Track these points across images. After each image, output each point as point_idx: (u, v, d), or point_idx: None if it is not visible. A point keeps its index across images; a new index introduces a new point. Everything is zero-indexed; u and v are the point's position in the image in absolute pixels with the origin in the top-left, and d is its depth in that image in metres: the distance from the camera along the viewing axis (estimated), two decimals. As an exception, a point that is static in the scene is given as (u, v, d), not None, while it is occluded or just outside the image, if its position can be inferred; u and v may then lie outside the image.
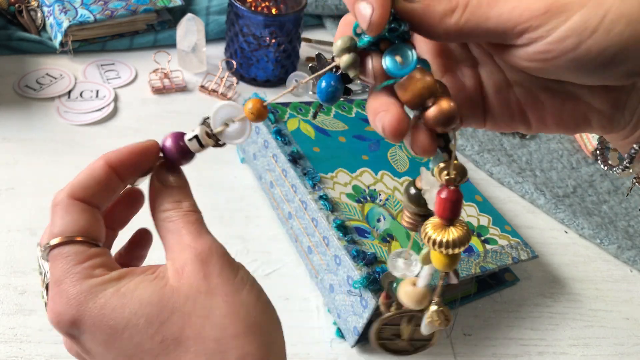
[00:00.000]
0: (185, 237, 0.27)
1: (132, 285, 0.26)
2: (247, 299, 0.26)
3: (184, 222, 0.28)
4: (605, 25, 0.22)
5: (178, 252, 0.27)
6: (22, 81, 0.72)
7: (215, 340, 0.25)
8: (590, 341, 0.57)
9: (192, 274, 0.26)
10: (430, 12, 0.23)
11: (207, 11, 0.89)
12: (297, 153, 0.58)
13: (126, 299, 0.25)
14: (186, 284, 0.26)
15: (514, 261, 0.55)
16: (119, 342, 0.25)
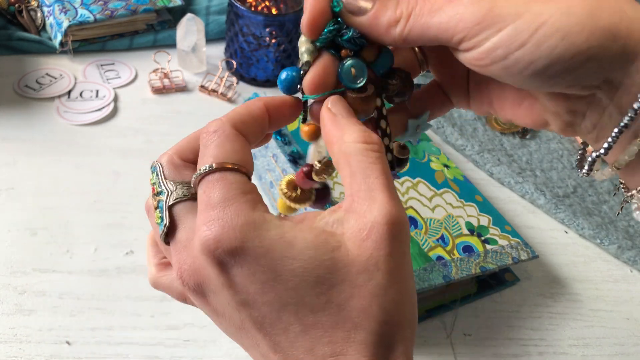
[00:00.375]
0: (379, 191, 0.23)
1: (299, 236, 0.23)
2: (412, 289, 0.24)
3: (381, 169, 0.24)
4: (536, 39, 0.22)
5: (367, 206, 0.23)
6: (22, 81, 0.72)
7: (377, 322, 0.23)
8: (590, 341, 0.57)
9: (377, 245, 0.23)
10: (376, 24, 0.25)
11: (207, 11, 0.89)
12: (297, 153, 0.58)
13: (295, 251, 0.23)
14: (365, 256, 0.23)
15: (514, 261, 0.55)
16: (282, 288, 0.23)
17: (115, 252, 0.55)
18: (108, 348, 0.47)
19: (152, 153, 0.66)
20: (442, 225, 0.56)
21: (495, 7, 0.23)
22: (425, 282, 0.49)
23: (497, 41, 0.23)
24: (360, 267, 0.23)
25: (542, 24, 0.22)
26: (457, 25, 0.23)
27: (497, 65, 0.24)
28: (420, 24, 0.24)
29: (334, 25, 0.25)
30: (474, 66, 0.25)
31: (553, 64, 0.22)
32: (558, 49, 0.22)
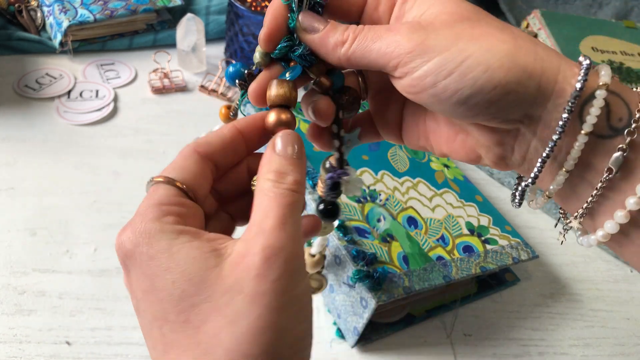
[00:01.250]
0: (270, 222, 0.24)
1: (184, 250, 0.24)
2: (286, 323, 0.23)
3: (277, 202, 0.25)
4: (461, 69, 0.25)
5: (254, 234, 0.24)
6: (22, 81, 0.72)
7: (225, 350, 0.22)
8: (590, 341, 0.57)
9: (247, 270, 0.23)
10: (324, 42, 0.28)
11: (206, 11, 0.89)
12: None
13: (173, 263, 0.24)
14: (233, 278, 0.23)
15: (514, 261, 0.55)
16: (153, 299, 0.24)
17: (115, 252, 0.55)
18: (108, 348, 0.47)
19: (152, 153, 0.66)
20: (442, 225, 0.56)
21: (427, 40, 0.25)
22: (425, 282, 0.49)
23: (427, 69, 0.25)
24: (224, 289, 0.23)
25: (466, 58, 0.25)
26: (393, 52, 0.26)
27: (426, 93, 0.26)
28: (362, 47, 0.27)
29: (288, 41, 0.29)
30: (407, 93, 0.27)
31: (476, 94, 0.25)
32: (480, 80, 0.25)
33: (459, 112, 0.26)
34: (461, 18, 0.26)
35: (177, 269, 0.24)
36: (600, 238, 0.27)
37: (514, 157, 0.28)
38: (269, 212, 0.25)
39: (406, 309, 0.55)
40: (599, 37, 0.92)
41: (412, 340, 0.53)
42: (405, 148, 0.65)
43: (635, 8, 1.07)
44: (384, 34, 0.27)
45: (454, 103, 0.26)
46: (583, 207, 0.27)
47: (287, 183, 0.26)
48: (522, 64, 0.25)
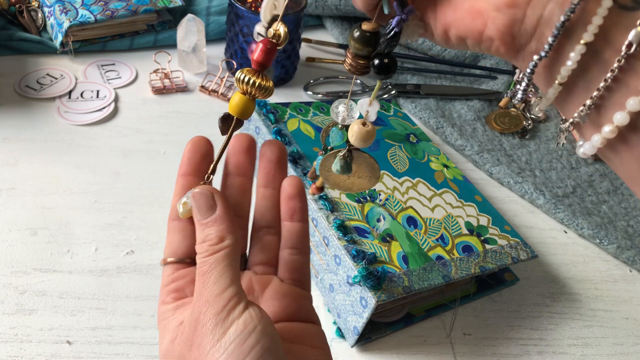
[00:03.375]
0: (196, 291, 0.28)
1: (167, 326, 0.30)
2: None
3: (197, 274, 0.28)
4: None
5: (192, 305, 0.28)
6: (23, 81, 0.72)
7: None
8: (589, 341, 0.57)
9: (182, 340, 0.28)
10: None
11: (207, 12, 0.89)
12: (297, 153, 0.58)
13: (161, 337, 0.30)
14: (177, 350, 0.28)
15: (513, 261, 0.55)
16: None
17: (115, 251, 0.55)
18: (108, 348, 0.48)
19: (153, 153, 0.67)
20: (442, 225, 0.56)
21: None
22: (424, 282, 0.49)
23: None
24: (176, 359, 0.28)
25: None
26: None
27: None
28: None
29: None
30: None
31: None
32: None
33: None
34: None
35: (162, 342, 0.29)
36: (608, 134, 0.24)
37: (523, 25, 0.26)
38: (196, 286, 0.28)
39: (406, 308, 0.55)
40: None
41: (412, 340, 0.53)
42: (404, 148, 0.65)
43: (634, 8, 1.07)
44: None
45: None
46: (593, 95, 0.24)
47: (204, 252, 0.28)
48: None
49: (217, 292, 0.27)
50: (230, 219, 0.29)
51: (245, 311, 0.27)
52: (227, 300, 0.27)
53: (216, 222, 0.29)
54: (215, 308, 0.27)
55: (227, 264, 0.28)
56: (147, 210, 0.60)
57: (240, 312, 0.27)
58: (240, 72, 0.29)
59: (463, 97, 0.85)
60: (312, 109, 0.66)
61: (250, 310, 0.27)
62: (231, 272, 0.28)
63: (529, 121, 0.83)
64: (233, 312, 0.27)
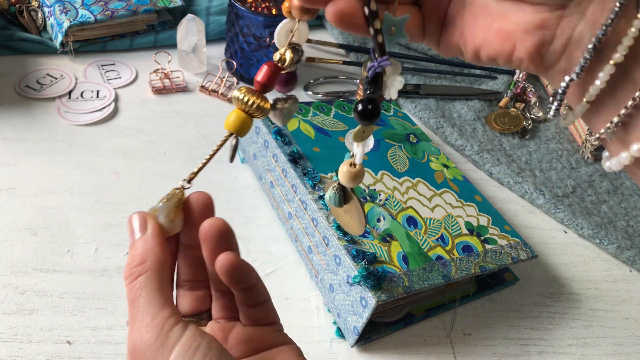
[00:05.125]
0: (130, 320, 0.27)
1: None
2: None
3: (133, 297, 0.27)
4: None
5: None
6: (23, 81, 0.73)
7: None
8: (589, 341, 0.57)
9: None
10: None
11: (207, 12, 0.89)
12: (297, 153, 0.58)
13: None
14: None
15: (513, 261, 0.55)
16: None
17: (115, 251, 0.55)
18: (109, 347, 0.48)
19: (153, 153, 0.67)
20: (442, 225, 0.56)
21: None
22: (424, 282, 0.49)
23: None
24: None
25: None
26: None
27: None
28: None
29: None
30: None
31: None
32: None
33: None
34: None
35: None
36: (636, 153, 0.24)
37: (553, 46, 0.25)
38: (129, 314, 0.27)
39: (406, 308, 0.55)
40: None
41: (412, 340, 0.53)
42: (404, 148, 0.65)
43: (634, 8, 1.07)
44: None
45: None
46: (621, 113, 0.24)
47: (129, 276, 0.27)
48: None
49: (148, 318, 0.26)
50: (158, 241, 0.28)
51: (186, 330, 0.26)
52: (162, 324, 0.25)
53: (142, 242, 0.28)
54: (151, 335, 0.25)
55: (154, 286, 0.26)
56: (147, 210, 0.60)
57: (180, 332, 0.25)
58: (239, 91, 0.29)
59: (463, 97, 0.85)
60: (312, 109, 0.66)
61: (191, 328, 0.26)
62: (160, 295, 0.26)
63: (528, 121, 0.83)
64: (171, 334, 0.25)
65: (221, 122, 0.73)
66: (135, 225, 0.28)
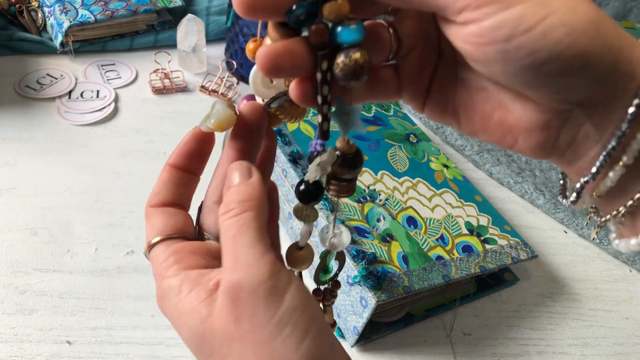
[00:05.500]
0: (225, 260, 0.24)
1: (185, 305, 0.25)
2: (282, 349, 0.23)
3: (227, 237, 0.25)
4: (543, 27, 0.21)
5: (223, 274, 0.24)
6: (23, 81, 0.72)
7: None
8: (589, 341, 0.57)
9: (223, 315, 0.24)
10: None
11: (207, 12, 0.89)
12: (297, 153, 0.58)
13: (181, 320, 0.25)
14: (219, 326, 0.24)
15: (513, 261, 0.55)
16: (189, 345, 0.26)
17: (115, 251, 0.55)
18: (108, 347, 0.48)
19: (153, 153, 0.67)
20: (442, 225, 0.56)
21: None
22: (424, 282, 0.49)
23: (504, 19, 0.21)
24: (220, 340, 0.24)
25: (550, 14, 0.21)
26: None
27: (494, 47, 0.22)
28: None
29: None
30: (467, 44, 0.23)
31: (552, 60, 0.21)
32: (562, 44, 0.21)
33: (521, 78, 0.23)
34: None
35: (184, 325, 0.25)
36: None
37: (557, 143, 0.25)
38: (224, 251, 0.25)
39: (406, 308, 0.55)
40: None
41: (412, 340, 0.53)
42: (404, 148, 0.65)
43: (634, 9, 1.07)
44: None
45: (524, 66, 0.22)
46: (627, 204, 0.24)
47: (230, 210, 0.25)
48: (604, 34, 0.21)
49: (257, 255, 0.24)
50: (262, 188, 0.26)
51: (292, 276, 0.24)
52: (272, 264, 0.23)
53: (248, 186, 0.26)
54: (263, 273, 0.23)
55: (258, 226, 0.25)
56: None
57: (289, 277, 0.24)
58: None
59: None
60: (312, 109, 0.66)
61: (293, 275, 0.24)
62: (265, 237, 0.24)
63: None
64: (281, 277, 0.23)
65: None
66: (236, 170, 0.26)
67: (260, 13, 0.23)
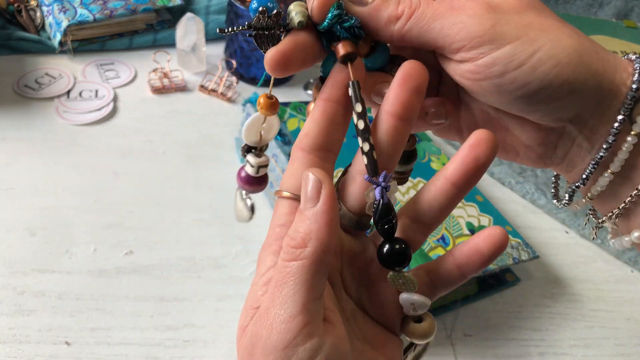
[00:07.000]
0: (266, 299, 0.23)
1: (251, 293, 0.25)
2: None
3: (282, 278, 0.23)
4: (532, 62, 0.24)
5: (259, 310, 0.24)
6: (22, 81, 0.72)
7: None
8: (591, 342, 0.57)
9: (240, 351, 0.24)
10: (376, 17, 0.25)
11: (206, 10, 0.89)
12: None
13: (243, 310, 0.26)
14: (242, 348, 0.24)
15: (514, 261, 0.55)
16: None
17: (114, 252, 0.55)
18: (107, 348, 0.47)
19: (152, 153, 0.66)
20: (443, 225, 0.56)
21: (498, 25, 0.24)
22: (425, 283, 0.49)
23: (496, 57, 0.24)
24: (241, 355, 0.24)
25: (538, 49, 0.24)
26: (459, 34, 0.24)
27: (489, 82, 0.24)
28: (420, 25, 0.25)
29: (338, 9, 0.24)
30: (464, 79, 0.25)
31: (543, 89, 0.24)
32: (550, 75, 0.24)
33: (516, 106, 0.25)
34: (527, 5, 0.25)
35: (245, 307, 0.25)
36: (636, 239, 0.26)
37: (554, 155, 0.28)
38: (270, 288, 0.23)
39: (406, 309, 0.55)
40: (600, 37, 0.92)
41: (413, 341, 0.53)
42: (405, 148, 0.65)
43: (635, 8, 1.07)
44: (446, 13, 0.24)
45: (517, 96, 0.25)
46: (620, 207, 0.26)
47: (287, 253, 0.23)
48: (587, 61, 0.24)
49: (284, 317, 0.22)
50: (327, 221, 0.23)
51: (319, 352, 0.22)
52: (296, 334, 0.22)
53: (310, 219, 0.23)
54: (280, 340, 0.22)
55: (306, 279, 0.22)
56: (146, 211, 0.59)
57: (310, 354, 0.22)
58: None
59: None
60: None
61: (324, 350, 0.22)
62: (307, 292, 0.22)
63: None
64: (299, 350, 0.22)
65: (221, 121, 0.73)
66: (309, 189, 0.23)
67: (291, 70, 0.25)
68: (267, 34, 0.25)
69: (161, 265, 0.54)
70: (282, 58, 0.24)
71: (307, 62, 0.26)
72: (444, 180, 0.26)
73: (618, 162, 0.25)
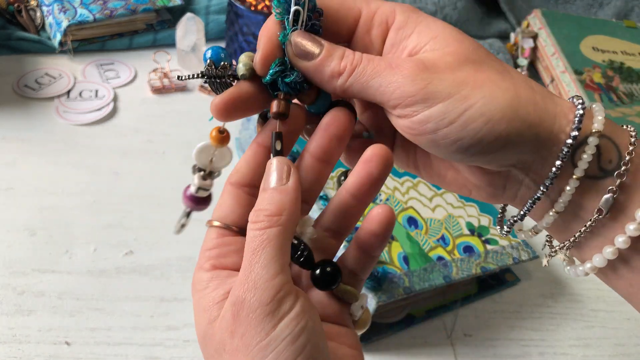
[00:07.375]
0: (241, 272, 0.25)
1: (205, 301, 0.26)
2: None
3: (247, 249, 0.25)
4: (463, 119, 0.24)
5: (235, 283, 0.25)
6: (21, 81, 0.72)
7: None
8: (591, 342, 0.57)
9: (222, 325, 0.25)
10: (320, 72, 0.26)
11: (206, 11, 0.89)
12: (297, 153, 0.58)
13: (198, 314, 0.26)
14: (217, 334, 0.25)
15: (514, 261, 0.55)
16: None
17: (114, 252, 0.55)
18: (107, 348, 0.47)
19: (152, 153, 0.66)
20: (443, 225, 0.56)
21: (431, 84, 0.25)
22: (425, 283, 0.49)
23: (428, 115, 0.25)
24: (215, 346, 0.25)
25: (469, 107, 0.24)
26: (394, 93, 0.25)
27: (425, 137, 0.26)
28: (360, 82, 0.26)
29: (280, 65, 0.26)
30: (404, 133, 0.27)
31: (476, 144, 0.25)
32: (482, 132, 0.24)
33: (454, 157, 0.26)
34: (465, 60, 0.26)
35: (198, 320, 0.26)
36: (589, 270, 0.27)
37: (505, 194, 0.29)
38: (243, 261, 0.25)
39: (406, 309, 0.55)
40: (600, 37, 0.92)
41: (413, 341, 0.53)
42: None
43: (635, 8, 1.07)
44: (384, 71, 0.25)
45: (453, 150, 0.26)
46: (570, 240, 0.27)
47: (259, 222, 0.25)
48: (522, 115, 0.25)
49: (267, 277, 0.24)
50: (297, 196, 0.26)
51: (296, 304, 0.24)
52: (278, 289, 0.24)
53: (282, 193, 0.26)
54: (265, 296, 0.24)
55: (280, 244, 0.25)
56: (146, 211, 0.59)
57: (291, 304, 0.24)
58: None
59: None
60: (312, 109, 0.65)
61: (300, 302, 0.24)
62: (282, 256, 0.25)
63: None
64: (283, 303, 0.24)
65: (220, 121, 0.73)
66: (274, 170, 0.26)
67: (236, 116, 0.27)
68: (218, 82, 0.27)
69: (161, 265, 0.54)
70: (225, 106, 0.27)
71: (251, 110, 0.28)
72: (345, 192, 0.28)
73: (562, 203, 0.26)
